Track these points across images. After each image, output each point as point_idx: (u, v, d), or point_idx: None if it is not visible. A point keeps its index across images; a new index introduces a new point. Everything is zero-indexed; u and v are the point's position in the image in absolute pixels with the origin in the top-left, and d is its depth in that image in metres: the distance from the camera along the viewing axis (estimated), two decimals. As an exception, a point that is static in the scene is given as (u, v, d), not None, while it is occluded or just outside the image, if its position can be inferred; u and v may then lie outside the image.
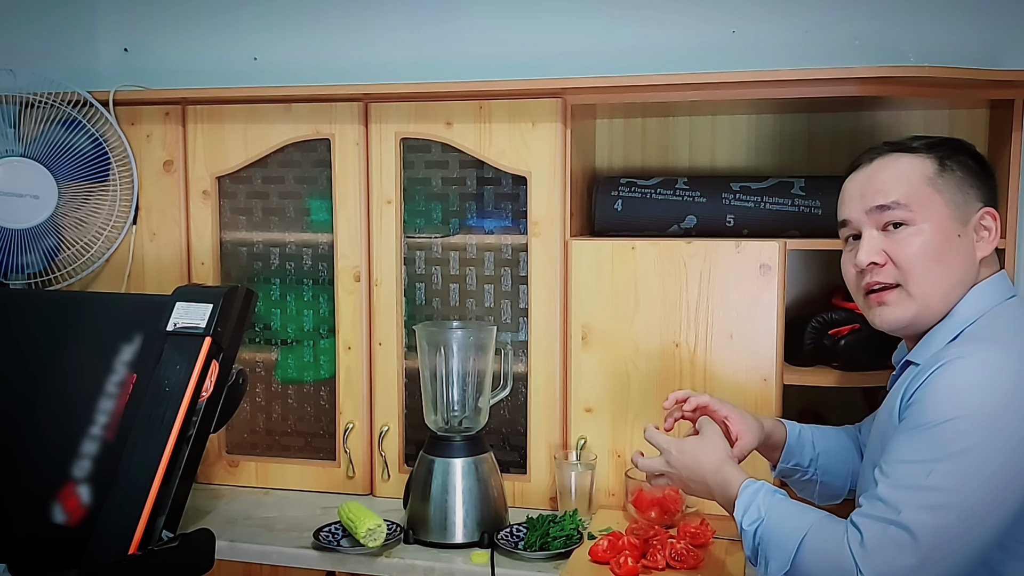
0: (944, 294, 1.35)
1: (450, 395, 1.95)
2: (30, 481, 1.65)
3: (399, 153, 2.08)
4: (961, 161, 1.38)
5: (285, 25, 2.44)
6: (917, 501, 1.19)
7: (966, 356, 1.24)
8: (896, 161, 1.39)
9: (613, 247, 1.96)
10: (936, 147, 1.39)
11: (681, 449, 1.47)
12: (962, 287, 1.35)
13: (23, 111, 2.16)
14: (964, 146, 1.41)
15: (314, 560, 1.84)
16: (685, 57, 2.17)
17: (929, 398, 1.23)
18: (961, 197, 1.36)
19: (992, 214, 1.37)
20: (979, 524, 1.19)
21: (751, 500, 1.33)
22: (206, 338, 1.66)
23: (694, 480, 1.44)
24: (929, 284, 1.34)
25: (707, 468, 1.43)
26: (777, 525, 1.29)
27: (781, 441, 1.61)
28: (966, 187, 1.36)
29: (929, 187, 1.35)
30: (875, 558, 1.19)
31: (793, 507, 1.31)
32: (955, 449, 1.19)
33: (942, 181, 1.36)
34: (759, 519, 1.31)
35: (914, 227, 1.35)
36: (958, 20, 2.04)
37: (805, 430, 1.63)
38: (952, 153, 1.38)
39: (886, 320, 1.39)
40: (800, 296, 2.14)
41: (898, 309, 1.37)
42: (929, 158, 1.37)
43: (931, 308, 1.36)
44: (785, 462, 1.61)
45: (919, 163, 1.37)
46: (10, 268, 2.14)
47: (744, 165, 2.18)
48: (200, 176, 2.20)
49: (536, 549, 1.79)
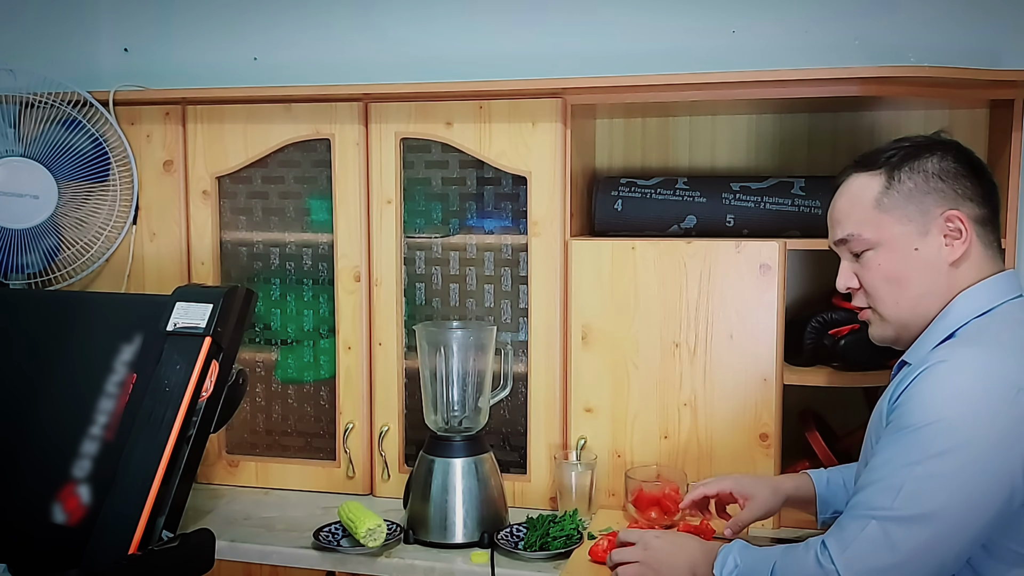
0: (911, 308, 1.37)
1: (450, 395, 1.95)
2: (30, 481, 1.65)
3: (399, 153, 2.08)
4: (916, 168, 1.36)
5: (285, 25, 2.44)
6: (896, 501, 1.20)
7: (948, 360, 1.25)
8: (850, 185, 1.42)
9: (613, 247, 1.96)
10: (891, 159, 1.38)
11: (659, 535, 1.52)
12: (933, 297, 1.36)
13: (23, 111, 2.17)
14: (932, 146, 1.39)
15: (314, 560, 1.84)
16: (685, 57, 2.17)
17: (912, 401, 1.25)
18: (915, 208, 1.35)
19: (956, 216, 1.34)
20: (959, 526, 1.20)
21: (727, 555, 1.39)
22: (206, 338, 1.66)
23: (676, 559, 1.45)
24: (892, 304, 1.38)
25: (692, 543, 1.47)
26: (751, 565, 1.35)
27: (811, 494, 1.63)
28: (919, 196, 1.35)
29: (876, 210, 1.37)
30: (854, 556, 1.21)
31: (764, 549, 1.38)
32: (935, 451, 1.20)
33: (888, 200, 1.37)
34: (735, 567, 1.37)
35: (873, 251, 1.39)
36: (958, 20, 2.04)
37: (833, 474, 1.65)
38: (906, 161, 1.37)
39: (874, 336, 1.45)
40: (800, 296, 2.13)
41: (878, 329, 1.43)
42: (878, 175, 1.38)
43: (905, 323, 1.38)
44: (823, 512, 1.62)
45: (867, 183, 1.39)
46: (10, 268, 2.14)
47: (744, 165, 2.18)
48: (200, 176, 2.20)
49: (536, 549, 1.79)
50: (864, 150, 1.49)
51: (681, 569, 1.44)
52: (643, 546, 1.49)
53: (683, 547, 1.47)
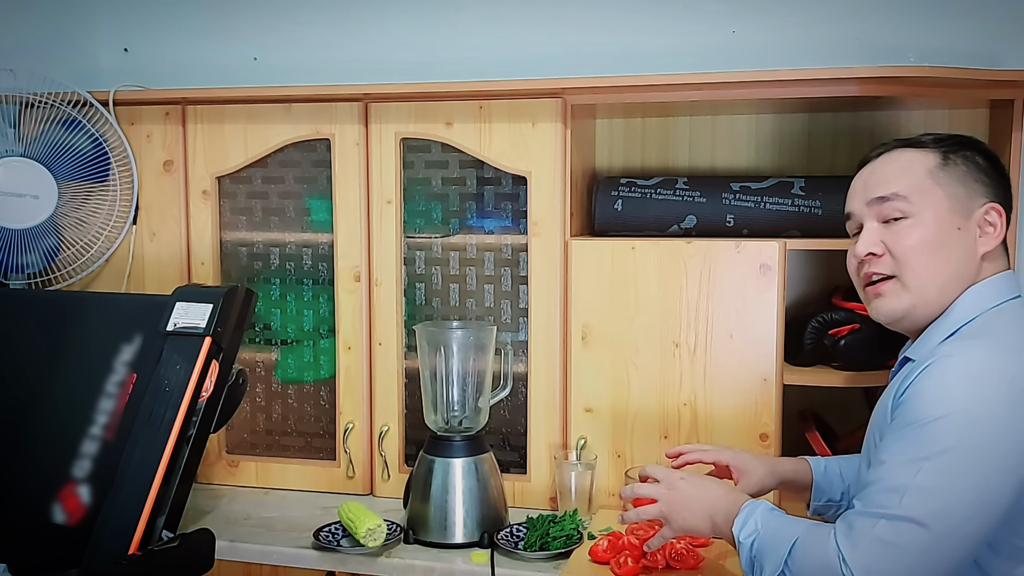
0: (941, 286, 1.35)
1: (450, 395, 1.95)
2: (30, 481, 1.65)
3: (399, 153, 2.08)
4: (967, 156, 1.38)
5: (285, 25, 2.44)
6: (905, 499, 1.19)
7: (956, 355, 1.25)
8: (900, 155, 1.41)
9: (613, 247, 1.96)
10: (943, 142, 1.40)
11: (685, 476, 1.49)
12: (959, 281, 1.35)
13: (23, 111, 2.17)
14: (974, 143, 1.41)
15: (314, 560, 1.84)
16: (685, 57, 2.17)
17: (918, 396, 1.24)
18: (964, 191, 1.36)
19: (997, 210, 1.36)
20: (967, 523, 1.19)
21: (750, 514, 1.36)
22: (206, 338, 1.66)
23: (698, 505, 1.43)
24: (925, 275, 1.35)
25: (716, 491, 1.44)
26: (771, 534, 1.31)
27: (808, 480, 1.62)
28: (970, 181, 1.37)
29: (930, 179, 1.36)
30: (862, 554, 1.20)
31: (787, 519, 1.34)
32: (943, 447, 1.19)
33: (943, 174, 1.36)
34: (755, 532, 1.33)
35: (913, 219, 1.36)
36: (958, 20, 2.04)
37: (831, 463, 1.63)
38: (958, 148, 1.39)
39: (882, 311, 1.40)
40: (800, 296, 2.14)
41: (893, 300, 1.38)
42: (933, 152, 1.39)
43: (927, 300, 1.36)
44: (817, 500, 1.61)
45: (922, 156, 1.39)
46: (10, 268, 2.14)
47: (744, 165, 2.18)
48: (200, 176, 2.20)
49: (536, 549, 1.79)
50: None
51: (700, 517, 1.43)
52: (667, 485, 1.47)
53: (706, 493, 1.44)
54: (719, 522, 1.40)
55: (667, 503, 1.46)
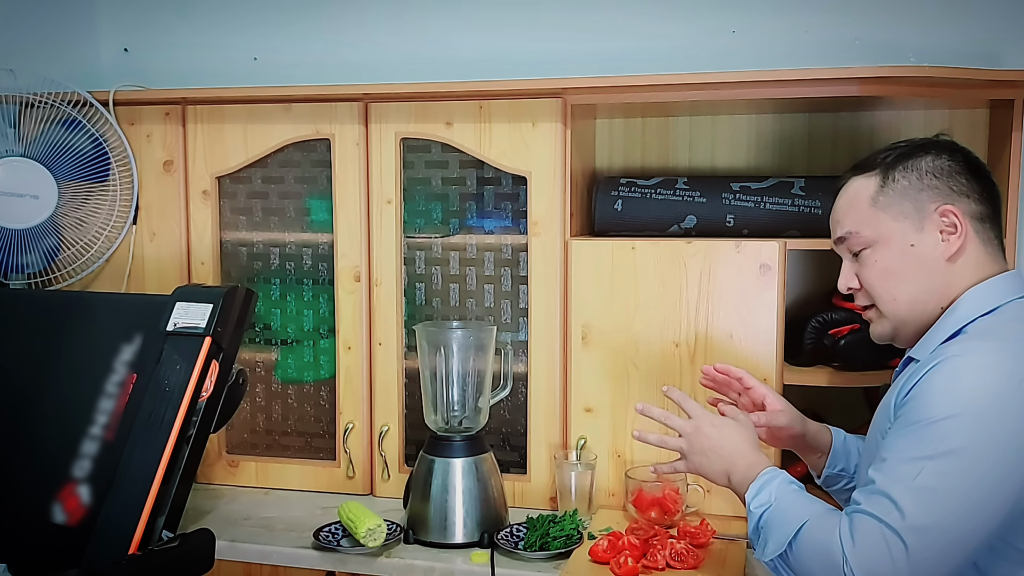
0: (909, 304, 1.38)
1: (450, 395, 1.95)
2: (30, 481, 1.65)
3: (399, 153, 2.08)
4: (910, 166, 1.38)
5: (285, 25, 2.44)
6: (908, 499, 1.19)
7: (963, 355, 1.24)
8: (849, 187, 1.45)
9: (613, 247, 1.96)
10: (885, 160, 1.41)
11: (715, 423, 1.47)
12: (931, 292, 1.36)
13: (23, 111, 2.17)
14: (927, 146, 1.40)
15: (314, 560, 1.84)
16: (685, 57, 2.17)
17: (924, 395, 1.24)
18: (910, 205, 1.37)
19: (951, 211, 1.35)
20: (969, 523, 1.18)
21: (765, 484, 1.35)
22: (206, 338, 1.66)
23: (718, 455, 1.43)
24: (890, 301, 1.39)
25: (741, 446, 1.43)
26: (783, 510, 1.31)
27: (827, 445, 1.61)
28: (914, 193, 1.37)
29: (872, 208, 1.40)
30: (864, 553, 1.19)
31: (802, 497, 1.33)
32: (948, 447, 1.19)
33: (884, 198, 1.39)
34: (768, 503, 1.33)
35: (871, 249, 1.40)
36: (958, 20, 2.04)
37: (851, 438, 1.64)
38: (900, 160, 1.39)
39: (873, 335, 1.46)
40: (800, 296, 2.14)
41: (878, 326, 1.44)
42: (874, 176, 1.41)
43: (904, 320, 1.39)
44: (831, 467, 1.61)
45: (864, 184, 1.42)
46: (10, 268, 2.14)
47: (744, 165, 2.18)
48: (200, 176, 2.20)
49: (536, 549, 1.79)
50: (864, 150, 1.50)
51: (716, 468, 1.43)
52: (695, 428, 1.46)
53: (731, 446, 1.43)
54: (734, 480, 1.40)
55: (690, 442, 1.46)
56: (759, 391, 1.61)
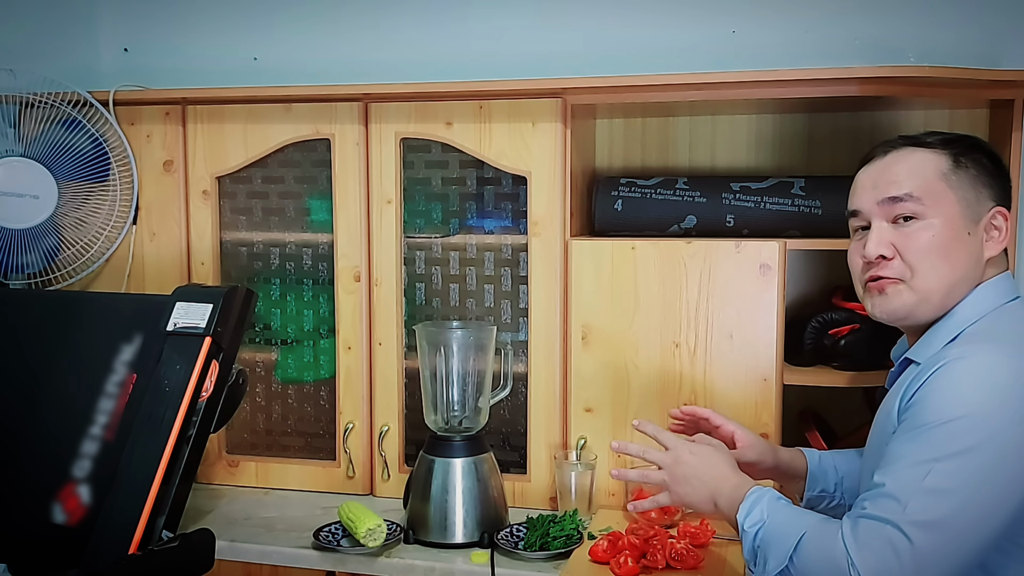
0: (947, 290, 1.35)
1: (450, 395, 1.95)
2: (30, 481, 1.65)
3: (399, 153, 2.08)
4: (976, 159, 1.37)
5: (285, 25, 2.44)
6: (915, 501, 1.18)
7: (967, 357, 1.24)
8: (911, 155, 1.38)
9: (613, 247, 1.96)
10: (951, 143, 1.38)
11: (694, 450, 1.45)
12: (966, 284, 1.35)
13: (23, 111, 2.16)
14: (980, 144, 1.40)
15: (314, 560, 1.84)
16: (685, 57, 2.17)
17: (930, 398, 1.23)
18: (973, 195, 1.35)
19: (1004, 214, 1.36)
20: (977, 525, 1.18)
21: (756, 502, 1.33)
22: (206, 338, 1.66)
23: (701, 482, 1.42)
24: (934, 279, 1.34)
25: (722, 470, 1.42)
26: (777, 526, 1.29)
27: (802, 470, 1.60)
28: (979, 185, 1.36)
29: (943, 182, 1.35)
30: (870, 556, 1.18)
31: (794, 510, 1.32)
32: (954, 450, 1.18)
33: (956, 178, 1.35)
34: (761, 521, 1.31)
35: (924, 221, 1.35)
36: (958, 20, 2.04)
37: (825, 455, 1.63)
38: (967, 150, 1.38)
39: (884, 309, 1.38)
40: (800, 296, 2.14)
41: (895, 300, 1.36)
42: (944, 154, 1.37)
43: (931, 302, 1.35)
44: (811, 490, 1.60)
45: (934, 158, 1.37)
46: (10, 268, 2.14)
47: (744, 165, 2.18)
48: (200, 176, 2.20)
49: (536, 549, 1.79)
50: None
51: (702, 495, 1.41)
52: (674, 459, 1.44)
53: (712, 471, 1.42)
54: (721, 504, 1.38)
55: (671, 473, 1.44)
56: (727, 428, 1.59)
